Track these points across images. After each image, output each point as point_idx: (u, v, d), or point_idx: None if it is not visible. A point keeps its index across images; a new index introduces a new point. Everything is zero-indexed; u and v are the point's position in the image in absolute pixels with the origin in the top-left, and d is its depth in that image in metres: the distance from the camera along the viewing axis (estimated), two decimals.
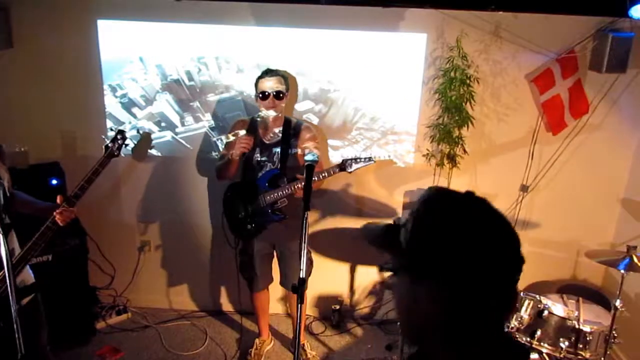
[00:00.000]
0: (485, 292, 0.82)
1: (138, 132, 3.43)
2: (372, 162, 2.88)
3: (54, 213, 2.23)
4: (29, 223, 2.27)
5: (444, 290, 0.82)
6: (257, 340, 3.41)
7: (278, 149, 2.96)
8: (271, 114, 2.90)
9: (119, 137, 2.50)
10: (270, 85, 2.88)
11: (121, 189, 3.66)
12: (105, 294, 3.77)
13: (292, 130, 3.00)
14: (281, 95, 2.90)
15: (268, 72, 2.92)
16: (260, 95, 2.90)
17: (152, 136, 3.49)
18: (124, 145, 2.51)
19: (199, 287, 3.87)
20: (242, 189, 3.04)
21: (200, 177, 3.59)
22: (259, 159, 2.98)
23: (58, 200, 2.27)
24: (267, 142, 2.98)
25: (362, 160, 2.86)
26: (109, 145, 2.47)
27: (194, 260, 3.79)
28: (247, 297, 3.34)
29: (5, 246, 1.78)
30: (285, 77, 2.96)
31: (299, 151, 2.98)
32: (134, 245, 3.75)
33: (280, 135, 2.98)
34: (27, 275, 2.33)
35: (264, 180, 2.95)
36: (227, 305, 3.88)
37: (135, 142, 2.66)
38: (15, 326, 1.82)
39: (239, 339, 3.55)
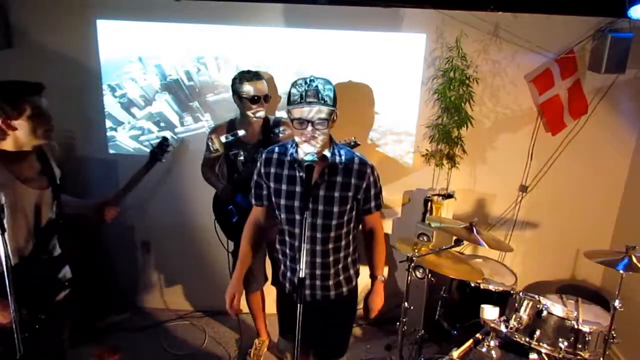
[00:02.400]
0: None
1: (176, 140, 3.47)
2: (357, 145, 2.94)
3: (106, 209, 2.49)
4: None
5: None
6: (256, 341, 3.41)
7: (261, 148, 2.98)
8: (262, 115, 2.95)
9: (164, 142, 2.72)
10: (260, 88, 2.92)
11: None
12: (105, 293, 3.77)
13: (271, 127, 3.03)
14: (269, 97, 2.98)
15: (254, 75, 2.94)
16: (251, 98, 2.91)
17: (152, 136, 3.51)
18: (166, 152, 2.73)
19: (198, 287, 3.87)
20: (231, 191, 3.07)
21: (200, 177, 3.58)
22: (242, 159, 3.00)
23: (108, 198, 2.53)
24: (249, 142, 3.00)
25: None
26: (155, 150, 2.70)
27: (194, 260, 3.79)
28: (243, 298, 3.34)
29: (5, 246, 1.78)
30: (265, 78, 3.01)
31: None
32: (133, 245, 3.75)
33: (261, 134, 3.00)
34: (66, 271, 2.41)
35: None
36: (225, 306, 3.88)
37: (169, 150, 2.80)
38: (14, 326, 1.82)
39: (239, 339, 3.56)
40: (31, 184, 2.13)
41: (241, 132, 2.95)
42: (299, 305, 1.76)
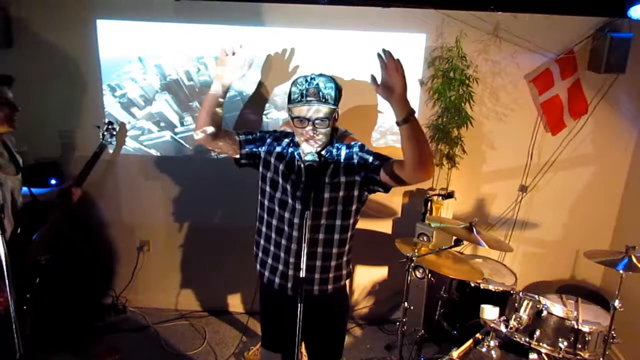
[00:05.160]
0: None
1: (117, 123, 3.43)
2: None
3: (72, 190, 2.75)
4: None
5: None
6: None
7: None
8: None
9: (110, 127, 3.16)
10: None
11: (121, 189, 3.65)
12: (104, 293, 3.77)
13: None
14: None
15: None
16: None
17: (151, 136, 3.50)
18: (114, 135, 3.18)
19: (197, 287, 3.87)
20: None
21: (200, 177, 3.59)
22: None
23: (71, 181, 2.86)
24: None
25: None
26: (105, 134, 3.13)
27: (193, 260, 3.79)
28: (248, 296, 3.34)
29: (4, 246, 1.78)
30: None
31: None
32: (133, 245, 3.75)
33: None
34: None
35: None
36: (225, 305, 3.88)
37: (115, 133, 3.21)
38: (14, 326, 1.82)
39: (238, 338, 3.55)
40: (5, 171, 2.36)
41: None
42: (299, 304, 1.75)
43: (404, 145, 1.84)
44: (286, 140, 2.17)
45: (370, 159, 2.04)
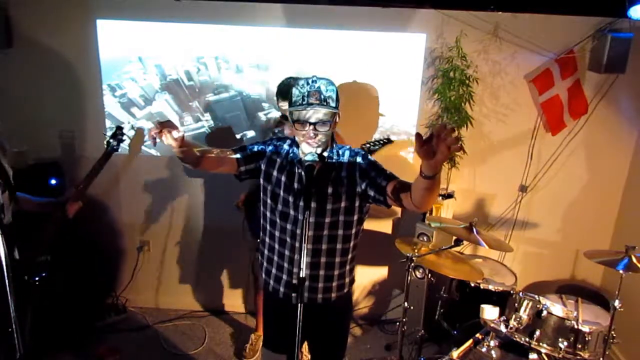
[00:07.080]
0: None
1: (132, 127, 3.42)
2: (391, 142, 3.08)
3: (67, 205, 2.49)
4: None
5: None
6: (252, 336, 3.42)
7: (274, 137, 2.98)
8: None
9: (118, 132, 2.72)
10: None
11: (121, 189, 3.66)
12: (104, 293, 3.77)
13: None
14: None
15: None
16: None
17: None
18: (122, 141, 2.72)
19: (197, 286, 3.87)
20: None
21: (200, 178, 3.59)
22: None
23: (69, 194, 2.55)
24: None
25: (380, 142, 3.04)
26: (110, 140, 2.69)
27: (193, 260, 3.80)
28: (248, 296, 3.34)
29: (4, 246, 1.78)
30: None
31: None
32: (133, 245, 3.75)
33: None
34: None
35: None
36: (226, 305, 3.88)
37: (130, 138, 2.86)
38: (14, 326, 1.82)
39: (237, 336, 3.56)
40: None
41: None
42: (299, 304, 1.75)
43: (417, 191, 1.88)
44: (286, 146, 2.14)
45: (374, 173, 2.04)
